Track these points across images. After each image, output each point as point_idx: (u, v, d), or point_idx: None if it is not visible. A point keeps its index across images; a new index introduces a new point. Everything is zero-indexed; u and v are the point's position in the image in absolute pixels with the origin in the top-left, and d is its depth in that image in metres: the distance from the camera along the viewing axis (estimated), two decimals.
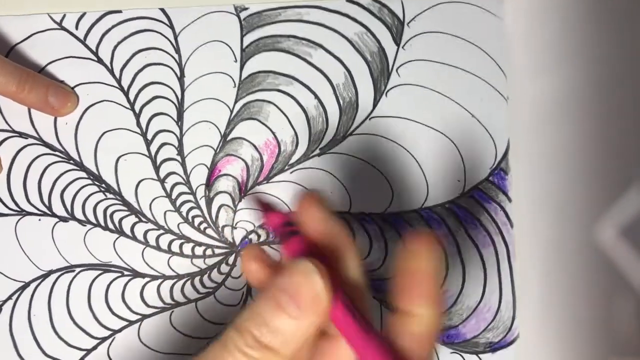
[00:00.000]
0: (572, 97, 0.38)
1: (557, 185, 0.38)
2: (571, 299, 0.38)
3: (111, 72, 0.38)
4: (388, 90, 0.38)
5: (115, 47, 0.38)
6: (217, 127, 0.38)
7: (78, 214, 0.38)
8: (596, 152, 0.38)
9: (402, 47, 0.39)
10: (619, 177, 0.36)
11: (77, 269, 0.38)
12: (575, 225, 0.38)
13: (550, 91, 0.38)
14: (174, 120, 0.38)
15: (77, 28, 0.38)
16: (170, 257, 0.38)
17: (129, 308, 0.38)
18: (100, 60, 0.38)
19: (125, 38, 0.38)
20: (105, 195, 0.38)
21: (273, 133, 0.38)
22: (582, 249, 0.38)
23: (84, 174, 0.38)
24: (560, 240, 0.38)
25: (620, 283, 0.36)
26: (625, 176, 0.36)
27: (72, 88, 0.38)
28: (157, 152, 0.38)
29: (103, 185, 0.38)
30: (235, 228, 0.38)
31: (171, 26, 0.38)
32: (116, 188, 0.38)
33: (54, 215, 0.38)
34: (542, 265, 0.38)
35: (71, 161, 0.38)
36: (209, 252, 0.38)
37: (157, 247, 0.38)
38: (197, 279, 0.38)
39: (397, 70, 0.39)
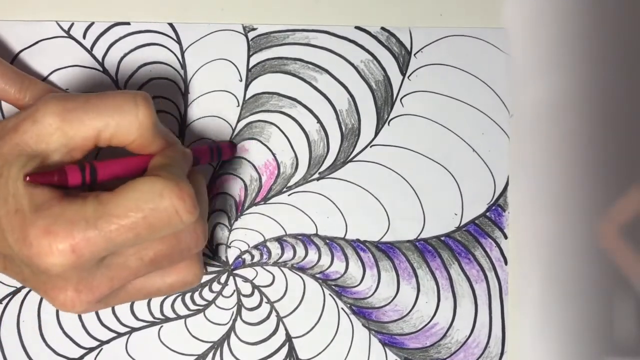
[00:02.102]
0: (573, 119, 0.38)
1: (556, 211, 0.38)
2: (570, 315, 0.38)
3: (116, 83, 0.38)
4: (391, 119, 0.39)
5: (122, 58, 0.38)
6: None
7: None
8: (596, 176, 0.38)
9: (408, 78, 0.39)
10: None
11: None
12: (575, 264, 0.38)
13: (548, 106, 0.38)
14: (176, 136, 0.38)
15: (84, 37, 0.38)
16: None
17: (118, 320, 0.38)
18: (105, 71, 0.38)
19: (131, 50, 0.38)
20: None
21: (273, 154, 0.38)
22: (581, 282, 0.38)
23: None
24: (558, 277, 0.38)
25: (620, 284, 0.36)
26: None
27: None
28: None
29: None
30: (230, 247, 0.38)
31: (178, 41, 0.38)
32: None
33: None
34: (538, 297, 0.38)
35: None
36: None
37: None
38: (187, 296, 0.38)
39: (401, 100, 0.39)
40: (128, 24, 0.38)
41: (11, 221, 0.28)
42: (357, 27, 0.39)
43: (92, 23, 0.38)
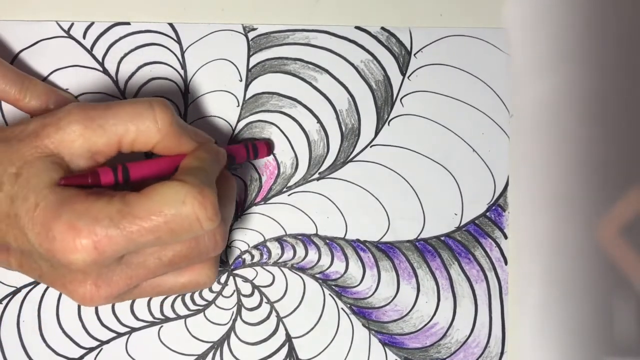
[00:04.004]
0: (574, 120, 0.38)
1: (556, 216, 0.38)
2: (570, 315, 0.38)
3: (116, 83, 0.38)
4: (391, 120, 0.39)
5: (122, 58, 0.38)
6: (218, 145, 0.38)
7: None
8: (596, 183, 0.38)
9: (408, 78, 0.39)
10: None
11: None
12: (575, 264, 0.38)
13: (549, 106, 0.38)
14: None
15: (84, 37, 0.38)
16: None
17: (118, 320, 0.38)
18: (105, 71, 0.38)
19: (132, 50, 0.38)
20: None
21: (273, 154, 0.38)
22: (581, 282, 0.38)
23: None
24: (558, 276, 0.38)
25: (620, 284, 0.36)
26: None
27: (76, 97, 0.38)
28: None
29: None
30: (230, 247, 0.38)
31: (179, 41, 0.38)
32: None
33: None
34: (538, 297, 0.38)
35: None
36: None
37: None
38: (188, 296, 0.38)
39: (401, 100, 0.39)
40: (128, 24, 0.38)
41: (32, 217, 0.29)
42: (357, 27, 0.39)
43: (92, 23, 0.38)
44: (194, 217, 0.29)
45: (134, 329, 0.37)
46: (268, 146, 0.38)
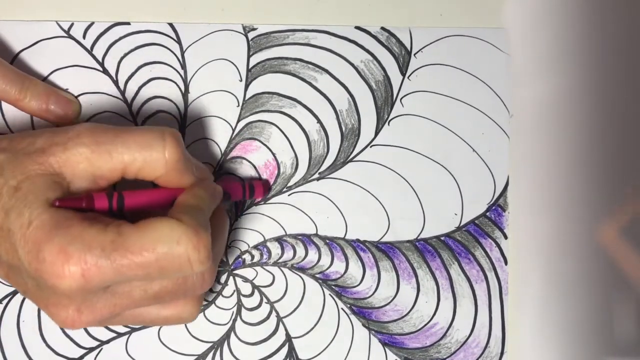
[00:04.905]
0: (572, 119, 0.38)
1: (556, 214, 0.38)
2: (570, 315, 0.38)
3: (116, 83, 0.38)
4: (391, 120, 0.39)
5: (122, 58, 0.38)
6: (218, 145, 0.38)
7: None
8: (598, 182, 0.38)
9: (408, 78, 0.39)
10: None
11: None
12: (575, 264, 0.38)
13: (548, 106, 0.38)
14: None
15: (84, 37, 0.38)
16: None
17: None
18: (105, 71, 0.38)
19: (131, 50, 0.38)
20: None
21: (273, 154, 0.38)
22: (581, 282, 0.38)
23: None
24: (558, 277, 0.38)
25: (620, 284, 0.36)
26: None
27: (76, 97, 0.38)
28: None
29: None
30: (230, 247, 0.38)
31: (179, 41, 0.38)
32: None
33: None
34: (538, 297, 0.38)
35: None
36: None
37: None
38: None
39: (401, 100, 0.39)
40: (128, 24, 0.38)
41: (25, 234, 0.28)
42: (357, 27, 0.39)
43: (92, 23, 0.38)
44: (185, 257, 0.28)
45: (134, 329, 0.37)
46: (264, 187, 0.37)
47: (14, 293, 0.37)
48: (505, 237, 0.38)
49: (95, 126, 0.31)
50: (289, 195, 0.38)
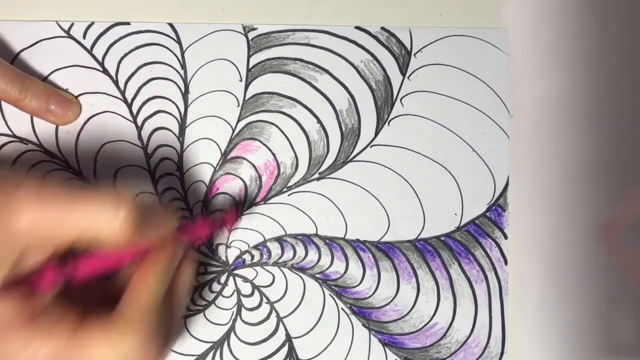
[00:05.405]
0: (572, 121, 0.38)
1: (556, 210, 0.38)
2: (570, 315, 0.38)
3: (116, 83, 0.38)
4: (391, 120, 0.39)
5: (122, 58, 0.38)
6: (218, 145, 0.38)
7: None
8: (598, 186, 0.38)
9: (408, 78, 0.39)
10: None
11: None
12: (575, 264, 0.38)
13: (549, 107, 0.38)
14: (176, 136, 0.38)
15: (84, 37, 0.38)
16: None
17: None
18: (105, 71, 0.38)
19: (131, 50, 0.38)
20: None
21: (273, 154, 0.38)
22: (581, 282, 0.38)
23: (82, 183, 0.38)
24: (558, 277, 0.38)
25: (620, 284, 0.36)
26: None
27: (76, 97, 0.38)
28: (156, 166, 0.38)
29: None
30: (230, 247, 0.38)
31: (179, 41, 0.38)
32: None
33: None
34: (538, 297, 0.38)
35: (70, 169, 0.38)
36: (201, 269, 0.38)
37: None
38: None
39: (401, 100, 0.39)
40: (128, 24, 0.38)
41: None
42: (357, 27, 0.39)
43: (92, 23, 0.38)
44: None
45: None
46: (235, 216, 0.38)
47: None
48: (505, 237, 0.38)
49: (41, 193, 0.28)
50: (289, 195, 0.38)
